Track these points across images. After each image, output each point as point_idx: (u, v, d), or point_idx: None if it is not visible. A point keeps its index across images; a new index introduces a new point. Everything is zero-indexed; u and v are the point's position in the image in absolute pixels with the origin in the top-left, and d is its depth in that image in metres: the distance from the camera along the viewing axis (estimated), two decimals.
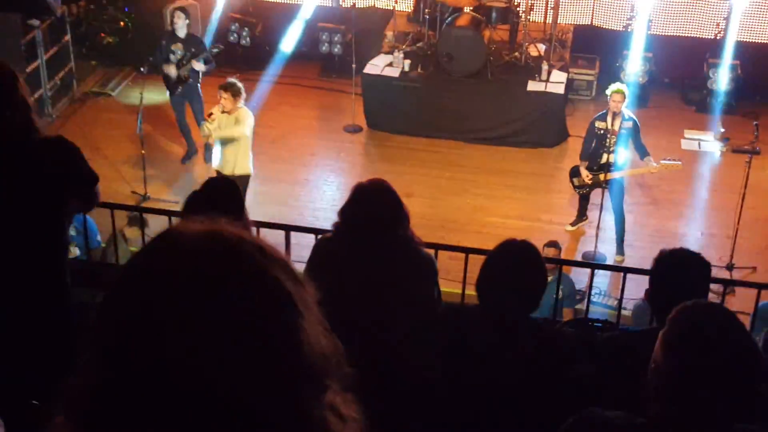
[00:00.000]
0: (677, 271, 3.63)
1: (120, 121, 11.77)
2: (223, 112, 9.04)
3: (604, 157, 9.20)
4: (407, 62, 11.86)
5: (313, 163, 11.48)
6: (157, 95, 11.52)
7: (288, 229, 5.82)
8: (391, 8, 13.02)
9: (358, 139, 11.94)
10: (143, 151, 10.17)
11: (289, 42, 12.93)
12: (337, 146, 11.77)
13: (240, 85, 9.08)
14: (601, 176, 9.21)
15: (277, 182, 10.66)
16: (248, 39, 13.31)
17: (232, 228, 1.24)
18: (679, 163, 9.47)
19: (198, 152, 11.08)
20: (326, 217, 9.21)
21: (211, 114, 9.12)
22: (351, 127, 12.01)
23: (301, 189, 10.78)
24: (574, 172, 9.55)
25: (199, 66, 10.63)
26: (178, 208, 6.78)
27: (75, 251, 7.54)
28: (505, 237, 3.78)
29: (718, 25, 12.61)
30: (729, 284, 6.51)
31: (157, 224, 7.42)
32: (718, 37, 12.50)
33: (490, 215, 10.13)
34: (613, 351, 3.71)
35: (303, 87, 13.00)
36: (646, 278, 3.86)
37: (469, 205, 10.39)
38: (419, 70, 11.90)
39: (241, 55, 13.19)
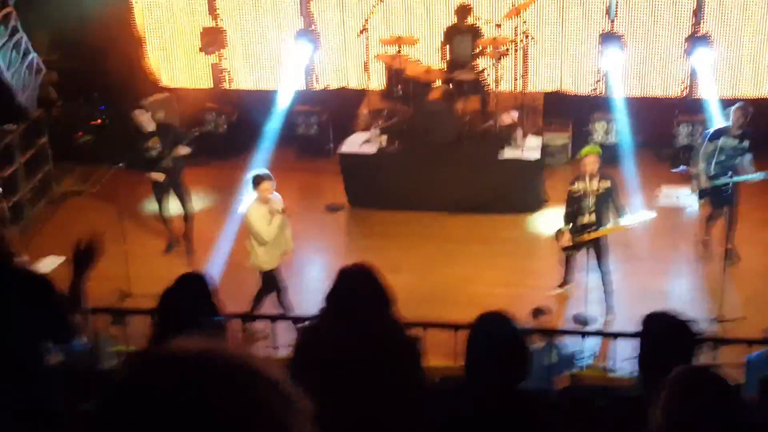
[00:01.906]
0: (665, 336, 3.65)
1: (99, 219, 11.76)
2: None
3: (585, 217, 9.30)
4: (384, 138, 12.02)
5: (295, 245, 11.47)
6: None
7: (273, 318, 5.81)
8: (364, 87, 13.22)
9: (340, 217, 12.00)
10: (125, 247, 10.14)
11: (265, 127, 13.08)
12: (320, 226, 11.81)
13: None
14: (584, 237, 9.29)
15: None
16: (225, 127, 13.47)
17: (224, 351, 1.24)
18: (654, 213, 9.64)
19: (180, 243, 11.07)
20: (311, 300, 9.20)
21: (284, 209, 9.02)
22: (332, 206, 12.08)
23: (285, 272, 10.76)
24: (558, 235, 9.63)
25: (184, 150, 10.67)
26: None
27: (58, 357, 7.43)
28: (493, 306, 3.79)
29: (683, 82, 12.88)
30: (718, 342, 6.54)
31: (140, 322, 7.36)
32: (684, 95, 12.75)
33: (477, 284, 10.15)
34: (608, 421, 3.70)
35: (282, 170, 13.06)
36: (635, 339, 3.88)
37: (456, 276, 10.41)
38: (396, 145, 12.05)
39: (219, 143, 13.31)
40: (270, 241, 8.92)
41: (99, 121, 13.48)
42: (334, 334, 4.07)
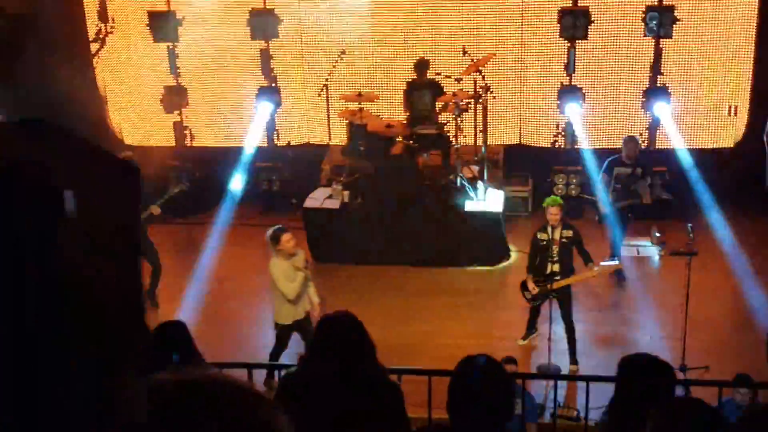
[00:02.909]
0: (643, 378, 3.66)
1: None
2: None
3: (549, 267, 9.38)
4: (346, 193, 12.06)
5: (260, 300, 11.41)
6: None
7: (250, 367, 5.75)
8: (326, 143, 13.30)
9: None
10: None
11: (228, 184, 13.08)
12: None
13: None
14: (549, 286, 9.35)
15: (226, 322, 10.56)
16: (187, 184, 13.41)
17: (207, 375, 1.25)
18: (617, 262, 9.78)
19: (146, 302, 10.94)
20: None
21: (307, 264, 8.94)
22: None
23: (252, 328, 10.68)
24: (524, 286, 9.68)
25: (156, 210, 10.59)
26: None
27: None
28: (459, 357, 3.77)
29: (641, 134, 13.14)
30: (690, 384, 6.58)
31: None
32: (643, 147, 12.99)
33: (443, 337, 10.13)
34: None
35: (245, 226, 13.07)
36: (602, 387, 3.89)
37: (421, 329, 10.39)
38: (359, 200, 12.09)
39: (182, 201, 13.24)
40: (294, 298, 8.84)
41: None
42: (319, 379, 4.05)
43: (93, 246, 1.27)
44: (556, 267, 9.35)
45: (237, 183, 13.11)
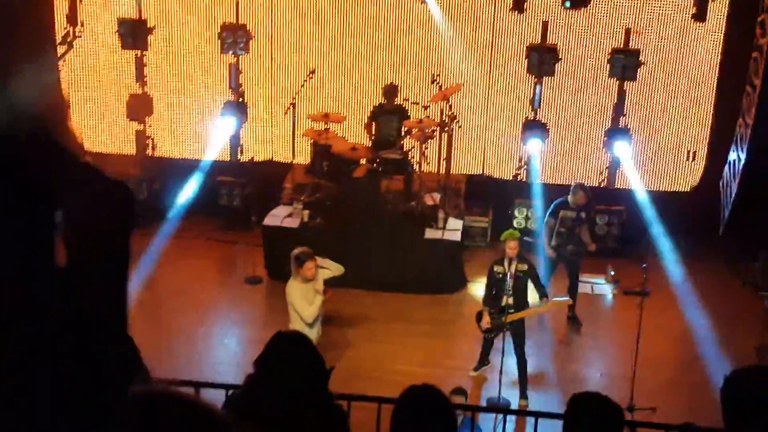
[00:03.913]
0: (593, 418, 3.68)
1: None
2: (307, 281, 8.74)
3: (504, 299, 9.43)
4: (306, 213, 12.02)
5: (213, 316, 11.33)
6: None
7: (198, 386, 5.67)
8: (289, 161, 13.27)
9: (259, 290, 11.89)
10: None
11: (187, 196, 12.99)
12: (238, 298, 11.68)
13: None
14: (503, 319, 9.38)
15: (177, 337, 10.45)
16: (146, 193, 13.31)
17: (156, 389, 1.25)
18: (568, 299, 9.89)
19: None
20: (228, 372, 9.05)
21: (326, 290, 8.82)
22: (252, 279, 11.97)
23: (202, 344, 10.58)
24: (478, 317, 9.72)
25: None
26: None
27: None
28: (410, 384, 3.76)
29: (601, 173, 13.31)
30: (636, 426, 6.63)
31: None
32: (602, 185, 13.16)
33: (396, 363, 10.12)
34: None
35: (203, 240, 12.98)
36: (550, 423, 3.90)
37: (375, 354, 10.37)
38: (319, 220, 12.06)
39: (139, 210, 13.12)
40: (311, 322, 8.73)
41: None
42: (264, 400, 4.00)
43: (83, 260, 1.27)
44: (511, 300, 9.40)
45: (186, 194, 13.03)
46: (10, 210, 1.23)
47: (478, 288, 10.19)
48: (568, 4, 12.01)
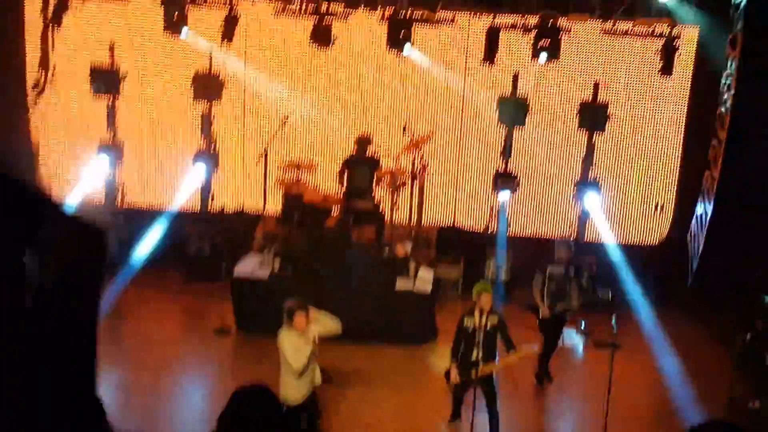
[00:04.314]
0: None
1: None
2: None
3: (474, 353, 9.35)
4: (277, 262, 11.95)
5: (180, 369, 11.17)
6: None
7: None
8: (261, 210, 13.22)
9: (227, 341, 11.76)
10: None
11: (156, 246, 12.89)
12: (206, 350, 11.54)
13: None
14: (473, 373, 9.32)
15: (143, 391, 10.27)
16: (115, 242, 13.18)
17: None
18: (535, 347, 9.87)
19: None
20: (194, 427, 8.92)
21: (314, 341, 8.62)
22: (221, 330, 11.84)
23: (168, 398, 10.41)
24: (447, 373, 9.62)
25: None
26: None
27: None
28: None
29: (571, 225, 13.40)
30: None
31: None
32: (572, 237, 13.23)
33: (366, 415, 10.02)
34: None
35: (171, 291, 12.85)
36: None
37: (345, 405, 10.26)
38: (289, 270, 11.99)
39: (110, 256, 13.00)
40: (301, 372, 8.56)
41: None
42: None
43: (53, 302, 1.23)
44: (481, 354, 9.34)
45: (155, 243, 12.94)
46: None
47: (448, 339, 10.12)
48: (543, 58, 12.11)
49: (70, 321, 1.25)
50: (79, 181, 13.99)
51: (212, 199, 13.85)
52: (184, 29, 12.33)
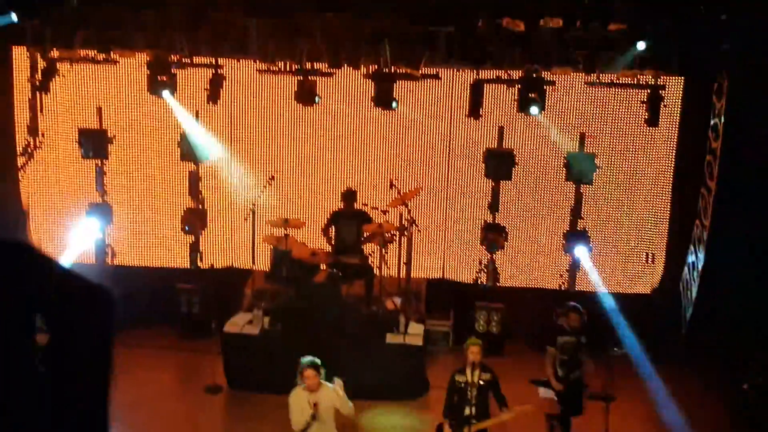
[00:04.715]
0: None
1: None
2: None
3: (467, 410, 9.22)
4: (267, 319, 11.89)
5: (173, 427, 11.03)
6: None
7: None
8: (249, 267, 13.19)
9: (218, 399, 11.64)
10: None
11: (146, 304, 12.81)
12: (197, 409, 11.41)
13: None
14: (465, 430, 9.19)
15: None
16: None
17: None
18: (530, 406, 9.72)
19: None
20: None
21: (316, 405, 8.53)
22: (212, 388, 11.73)
23: None
24: (439, 430, 9.46)
25: None
26: None
27: None
28: None
29: (561, 276, 13.37)
30: None
31: None
32: (562, 288, 13.20)
33: None
34: None
35: (162, 348, 12.76)
36: None
37: None
38: (279, 326, 11.92)
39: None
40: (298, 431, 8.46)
41: None
42: None
43: (64, 364, 1.21)
44: (473, 410, 9.22)
45: (151, 303, 12.85)
46: None
47: (440, 393, 10.00)
48: (536, 111, 12.14)
49: (82, 382, 1.23)
50: (69, 242, 13.96)
51: (201, 257, 13.81)
52: (165, 92, 12.37)
